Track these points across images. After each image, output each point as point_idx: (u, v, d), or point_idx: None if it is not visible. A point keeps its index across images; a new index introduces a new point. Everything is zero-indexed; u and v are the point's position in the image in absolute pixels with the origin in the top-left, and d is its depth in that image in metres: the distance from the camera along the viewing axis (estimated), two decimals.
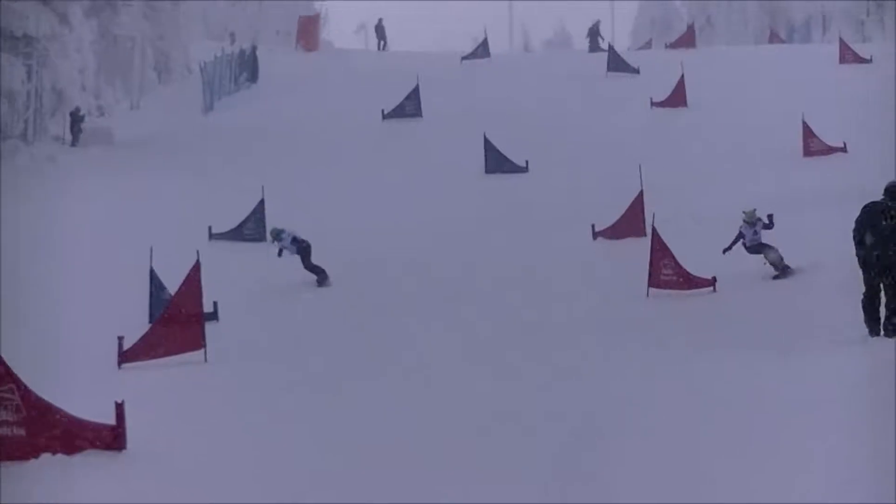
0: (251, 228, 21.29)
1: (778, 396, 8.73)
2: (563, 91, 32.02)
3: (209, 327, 13.69)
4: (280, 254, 18.96)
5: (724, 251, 17.03)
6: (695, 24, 51.54)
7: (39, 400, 8.59)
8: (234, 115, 33.71)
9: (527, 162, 25.01)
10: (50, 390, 8.72)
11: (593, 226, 20.35)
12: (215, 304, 14.77)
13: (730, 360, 10.93)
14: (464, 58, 41.55)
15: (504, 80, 34.84)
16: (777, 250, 16.87)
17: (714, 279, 16.39)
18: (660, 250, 16.67)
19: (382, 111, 30.76)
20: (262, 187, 21.10)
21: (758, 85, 31.92)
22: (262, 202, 21.18)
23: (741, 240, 17.19)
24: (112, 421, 8.45)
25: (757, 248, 17.28)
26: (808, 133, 25.42)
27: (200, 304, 13.68)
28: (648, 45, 51.74)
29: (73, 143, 29.75)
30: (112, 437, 8.46)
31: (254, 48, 41.13)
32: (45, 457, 8.31)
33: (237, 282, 16.75)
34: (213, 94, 35.45)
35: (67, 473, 8.05)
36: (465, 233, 20.54)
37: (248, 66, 39.60)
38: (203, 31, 46.88)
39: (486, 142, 25.13)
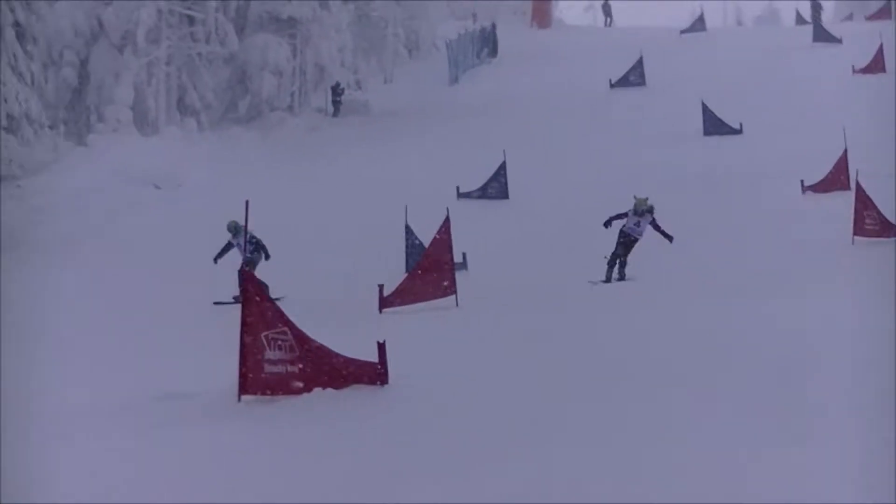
0: (495, 188, 21.34)
1: None
2: (772, 60, 32.59)
3: (459, 276, 13.91)
4: (223, 252, 16.03)
5: (605, 224, 15.35)
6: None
7: (311, 340, 8.66)
8: (476, 86, 34.90)
9: (741, 125, 25.14)
10: (321, 333, 8.83)
11: (802, 181, 20.51)
12: (464, 254, 14.87)
13: None
14: (682, 32, 42.80)
15: (718, 51, 35.65)
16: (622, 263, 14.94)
17: None
18: (863, 202, 16.85)
19: (609, 80, 31.85)
20: (504, 150, 20.98)
21: None
22: (503, 164, 21.07)
23: (623, 222, 15.21)
24: (375, 359, 8.51)
25: (627, 242, 15.04)
26: None
27: (451, 255, 13.91)
28: (850, 17, 49.70)
29: (335, 114, 31.08)
30: (375, 374, 8.52)
31: (493, 26, 42.02)
32: (317, 391, 8.45)
33: (483, 235, 16.81)
34: (458, 68, 36.57)
35: (337, 405, 8.18)
36: (689, 186, 20.69)
37: (488, 42, 40.70)
38: (448, 11, 47.67)
39: (704, 107, 25.82)
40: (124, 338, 12.70)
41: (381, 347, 8.49)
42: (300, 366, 8.62)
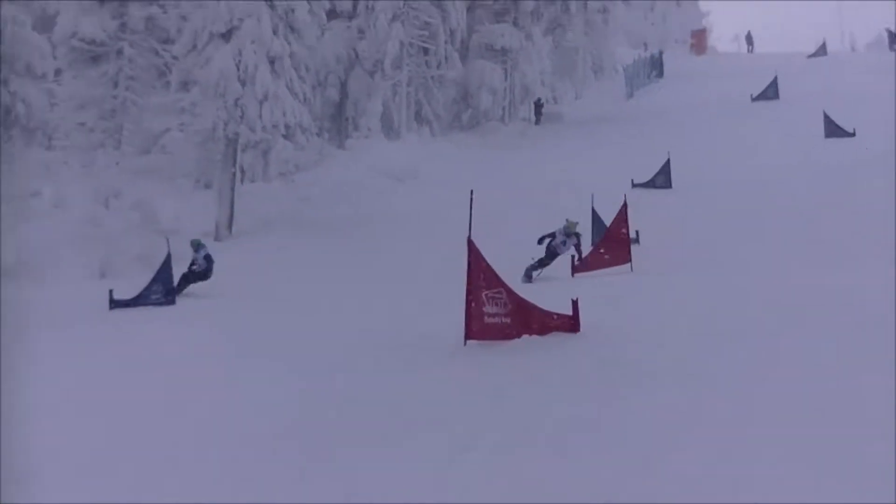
0: (661, 180, 20.61)
1: None
2: (880, 79, 30.65)
3: (634, 249, 13.87)
4: (192, 264, 15.06)
5: (539, 241, 14.14)
6: None
7: (520, 298, 8.80)
8: (646, 100, 35.28)
9: (854, 129, 23.96)
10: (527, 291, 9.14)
11: None
12: (637, 232, 14.56)
13: None
14: (809, 56, 43.16)
15: (837, 71, 35.19)
16: (541, 267, 13.84)
17: None
18: None
19: (751, 95, 31.46)
20: (668, 151, 20.38)
21: None
22: (668, 161, 20.44)
23: (551, 241, 14.08)
24: (570, 312, 8.60)
25: (552, 255, 14.02)
26: None
27: (628, 232, 13.95)
28: None
29: (536, 122, 31.31)
30: (570, 324, 8.60)
31: (661, 52, 43.62)
32: (524, 337, 8.61)
33: (652, 217, 16.30)
34: (632, 86, 37.02)
35: (541, 348, 8.33)
36: (813, 175, 19.73)
37: (657, 66, 41.10)
38: (625, 41, 48.89)
39: (825, 115, 25.08)
40: (381, 293, 13.19)
41: (575, 304, 8.57)
42: (512, 318, 8.71)
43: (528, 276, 13.50)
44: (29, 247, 15.91)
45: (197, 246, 15.10)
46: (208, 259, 14.87)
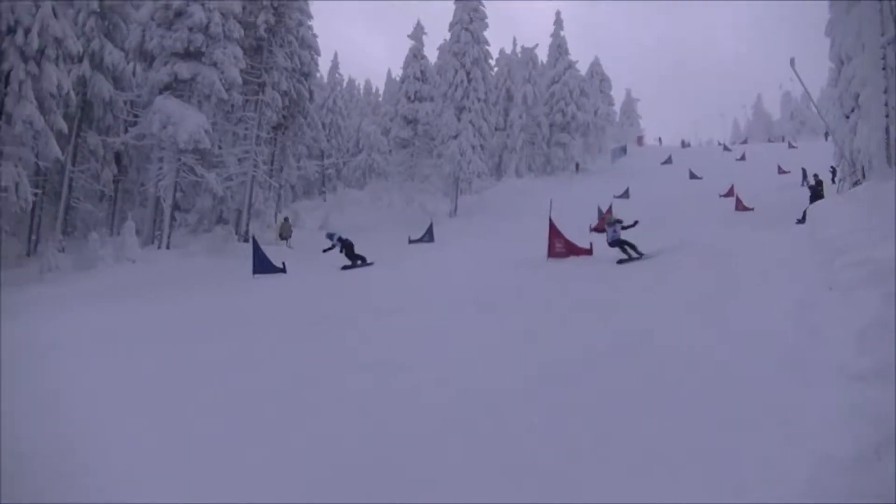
0: (626, 193, 39.06)
1: None
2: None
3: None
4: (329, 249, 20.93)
5: (591, 229, 19.02)
6: None
7: (568, 241, 17.58)
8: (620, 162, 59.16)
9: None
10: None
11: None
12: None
13: None
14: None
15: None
16: (627, 244, 16.79)
17: None
18: None
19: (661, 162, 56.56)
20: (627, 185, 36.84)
21: None
22: (627, 188, 39.04)
23: (605, 233, 17.47)
24: (588, 248, 17.64)
25: (615, 242, 16.93)
26: None
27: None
28: None
29: (577, 171, 48.58)
30: (589, 252, 17.50)
31: (625, 145, 69.77)
32: (572, 257, 17.09)
33: (623, 208, 27.92)
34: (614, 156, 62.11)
35: (576, 260, 17.23)
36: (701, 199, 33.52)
37: (623, 150, 65.96)
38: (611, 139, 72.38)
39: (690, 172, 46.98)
40: (506, 240, 22.69)
41: (591, 245, 17.65)
42: (565, 249, 17.43)
43: (629, 257, 16.62)
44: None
45: (331, 235, 21.07)
46: (340, 239, 20.64)
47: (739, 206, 28.00)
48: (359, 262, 20.16)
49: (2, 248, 24.01)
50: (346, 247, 20.21)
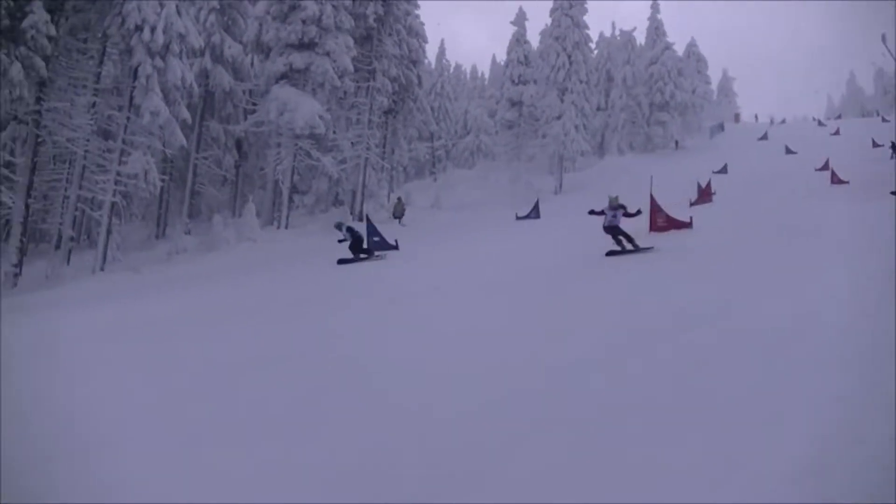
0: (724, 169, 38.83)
1: None
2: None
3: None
4: (342, 241, 20.33)
5: (589, 213, 16.41)
6: None
7: (669, 215, 18.64)
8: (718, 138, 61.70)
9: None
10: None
11: None
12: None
13: None
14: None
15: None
16: (624, 234, 15.49)
17: None
18: None
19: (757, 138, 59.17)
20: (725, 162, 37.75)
21: None
22: (725, 165, 39.24)
23: (603, 216, 15.79)
24: (688, 221, 18.96)
25: (610, 229, 15.53)
26: None
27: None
28: None
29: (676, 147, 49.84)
30: (689, 225, 18.68)
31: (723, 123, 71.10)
32: (673, 231, 18.38)
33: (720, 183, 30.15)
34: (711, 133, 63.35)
35: (679, 234, 18.84)
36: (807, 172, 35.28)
37: (721, 127, 67.09)
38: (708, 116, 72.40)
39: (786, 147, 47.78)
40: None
41: (691, 218, 19.26)
42: (667, 223, 18.49)
43: (622, 249, 15.62)
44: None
45: (339, 226, 20.72)
46: (349, 231, 20.31)
47: (835, 180, 29.18)
48: (361, 255, 20.11)
49: (133, 231, 25.86)
50: (355, 240, 20.11)
